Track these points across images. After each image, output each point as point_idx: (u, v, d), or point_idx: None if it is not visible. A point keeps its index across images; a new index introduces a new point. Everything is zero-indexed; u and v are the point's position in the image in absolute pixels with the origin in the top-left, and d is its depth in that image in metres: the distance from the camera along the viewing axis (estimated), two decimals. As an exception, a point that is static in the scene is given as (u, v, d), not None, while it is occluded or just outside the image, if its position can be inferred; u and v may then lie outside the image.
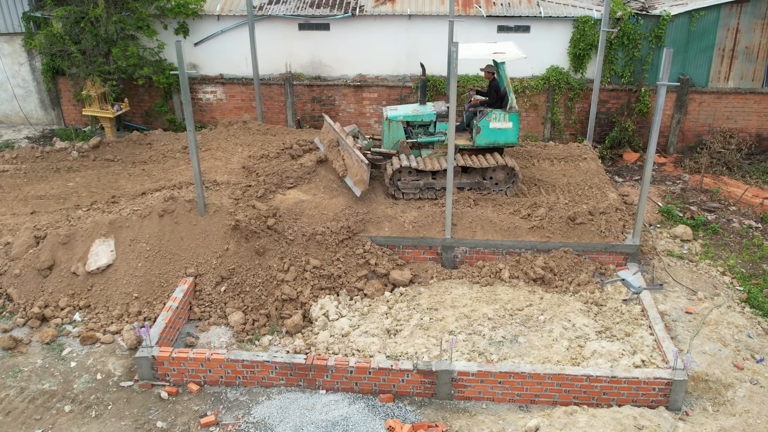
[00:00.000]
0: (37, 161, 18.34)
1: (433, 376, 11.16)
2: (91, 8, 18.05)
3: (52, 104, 21.10)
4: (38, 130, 21.11)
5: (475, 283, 13.81)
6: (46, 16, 19.49)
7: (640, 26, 18.81)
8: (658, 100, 12.57)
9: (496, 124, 14.97)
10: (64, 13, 18.26)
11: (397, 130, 15.50)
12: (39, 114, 21.38)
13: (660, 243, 15.46)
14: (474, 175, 15.34)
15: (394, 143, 15.64)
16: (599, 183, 16.09)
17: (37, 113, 21.37)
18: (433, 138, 15.54)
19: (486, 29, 19.27)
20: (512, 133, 15.08)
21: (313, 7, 19.55)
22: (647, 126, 19.48)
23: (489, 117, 14.91)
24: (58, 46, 18.86)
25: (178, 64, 13.13)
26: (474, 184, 15.35)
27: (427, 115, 15.52)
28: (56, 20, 18.60)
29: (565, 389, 11.10)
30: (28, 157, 18.51)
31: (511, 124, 14.96)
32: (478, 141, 15.17)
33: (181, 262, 13.62)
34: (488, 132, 15.03)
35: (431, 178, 15.27)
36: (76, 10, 18.29)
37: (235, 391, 11.55)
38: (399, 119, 15.47)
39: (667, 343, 11.76)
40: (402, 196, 15.30)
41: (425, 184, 15.30)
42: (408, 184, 15.28)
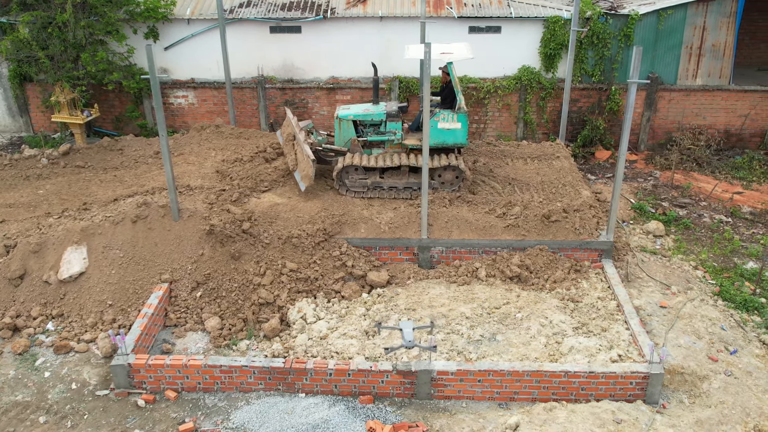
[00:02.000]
0: (6, 169, 18.00)
1: (412, 376, 11.15)
2: (59, 13, 17.79)
3: (20, 111, 20.75)
4: (6, 138, 20.76)
5: (452, 283, 13.85)
6: (12, 21, 19.17)
7: (610, 26, 19.04)
8: (629, 97, 12.71)
9: (444, 125, 15.02)
10: (31, 18, 17.98)
11: (347, 128, 15.56)
12: (6, 121, 21.02)
13: (633, 239, 15.64)
14: (421, 175, 15.29)
15: (346, 141, 15.68)
16: (572, 181, 16.24)
17: (4, 120, 21.00)
18: (384, 137, 15.55)
19: (457, 30, 19.36)
20: (461, 134, 15.12)
21: (285, 9, 19.48)
22: (618, 124, 19.72)
23: (437, 117, 14.96)
24: (25, 51, 18.57)
25: (149, 69, 12.98)
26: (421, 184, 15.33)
27: (377, 114, 15.52)
28: (22, 25, 18.28)
29: (543, 386, 11.17)
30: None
31: (459, 125, 14.99)
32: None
33: (155, 268, 13.46)
34: (437, 132, 15.06)
35: (379, 176, 15.28)
36: (43, 15, 18.02)
37: (213, 397, 11.44)
38: (349, 118, 15.53)
39: (643, 338, 11.90)
40: (346, 192, 15.32)
41: (373, 183, 15.31)
42: (356, 182, 15.31)
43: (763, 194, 17.77)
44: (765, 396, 11.18)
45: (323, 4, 19.60)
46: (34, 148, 19.37)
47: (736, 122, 19.97)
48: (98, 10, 18.28)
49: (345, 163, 15.11)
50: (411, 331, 11.00)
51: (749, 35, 22.79)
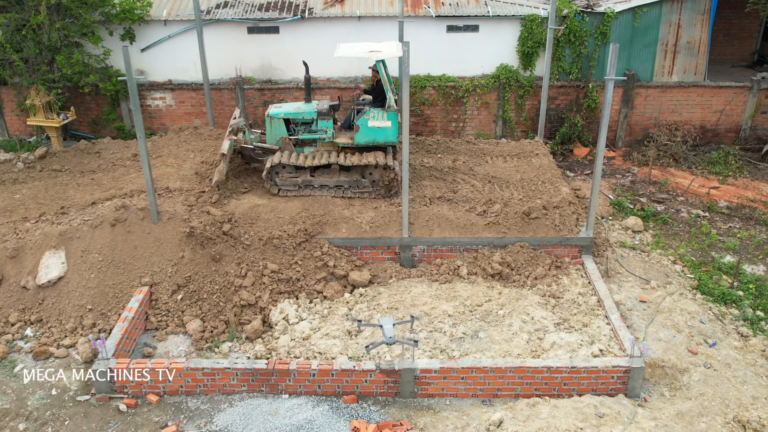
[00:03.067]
0: (-19, 174, 17.76)
1: (395, 375, 11.16)
2: (33, 15, 17.58)
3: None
4: (-20, 142, 20.48)
5: (434, 281, 13.88)
6: (-15, 24, 18.90)
7: (586, 23, 19.18)
8: (606, 94, 12.81)
9: (374, 123, 15.04)
10: (4, 20, 17.74)
11: (278, 126, 15.53)
12: (-19, 125, 20.74)
13: (612, 235, 15.78)
14: (353, 173, 15.33)
15: (277, 140, 15.66)
16: (552, 178, 16.34)
17: (-22, 125, 20.73)
18: (315, 135, 15.52)
19: (435, 29, 19.41)
20: (391, 132, 15.12)
21: (262, 10, 19.41)
22: (596, 121, 19.87)
23: (368, 116, 14.98)
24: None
25: (126, 71, 12.87)
26: (353, 182, 15.32)
27: (308, 112, 15.48)
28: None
29: (526, 382, 11.23)
30: (-30, 170, 17.92)
31: (389, 123, 14.98)
32: (357, 139, 15.20)
33: (135, 272, 13.35)
34: (367, 130, 15.08)
35: (310, 175, 15.27)
36: (17, 18, 17.79)
37: (196, 399, 11.37)
38: (280, 116, 15.51)
39: (623, 332, 12.00)
40: (278, 192, 15.31)
41: (304, 182, 15.29)
42: (286, 180, 15.29)
43: (738, 189, 18.01)
44: (743, 387, 11.34)
45: (301, 4, 19.55)
46: (9, 152, 19.13)
47: (712, 118, 20.21)
48: (73, 12, 18.09)
49: (274, 162, 15.06)
50: (391, 327, 10.99)
51: (723, 32, 23.09)
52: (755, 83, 19.72)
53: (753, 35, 23.38)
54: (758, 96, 19.81)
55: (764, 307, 13.55)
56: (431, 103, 19.96)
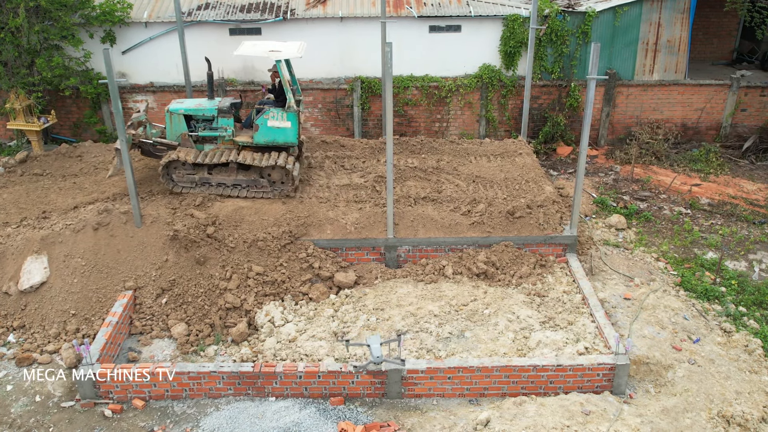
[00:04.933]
0: (-40, 179, 17.55)
1: (382, 375, 11.16)
2: (11, 18, 17.38)
3: (-26, 119, 20.25)
4: (-41, 147, 20.22)
5: (419, 281, 13.89)
6: (-37, 27, 18.68)
7: (567, 23, 19.28)
8: (588, 93, 12.89)
9: (274, 123, 15.00)
10: (-18, 23, 17.56)
11: (178, 122, 15.42)
12: (-41, 130, 20.48)
13: (596, 233, 15.88)
14: (251, 173, 15.26)
15: (177, 136, 15.59)
16: (535, 177, 16.41)
17: (-43, 129, 20.47)
18: (215, 133, 15.43)
19: (418, 30, 19.43)
20: (291, 133, 15.07)
21: (244, 11, 19.33)
22: (578, 120, 19.99)
23: (267, 115, 14.95)
24: (-24, 58, 18.11)
25: (107, 73, 12.78)
26: (251, 181, 15.26)
27: (208, 109, 15.40)
28: (-27, 31, 17.86)
29: (513, 380, 11.27)
30: (-50, 175, 17.70)
31: (289, 124, 14.96)
32: (257, 139, 15.17)
33: (119, 276, 13.25)
34: (266, 130, 15.05)
35: (207, 172, 15.22)
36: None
37: (182, 404, 11.30)
38: (180, 112, 15.41)
39: (608, 330, 12.08)
40: (173, 187, 15.21)
41: (201, 179, 15.23)
42: (183, 177, 15.23)
43: (720, 186, 18.18)
44: (727, 382, 11.44)
45: (283, 5, 19.49)
46: (-10, 156, 18.91)
47: (693, 116, 20.39)
48: (53, 15, 17.90)
49: (170, 158, 14.95)
50: (378, 347, 10.97)
51: (702, 31, 23.29)
52: (735, 81, 19.92)
53: (732, 33, 23.60)
54: (738, 94, 20.02)
55: (746, 302, 13.70)
56: (414, 104, 19.98)
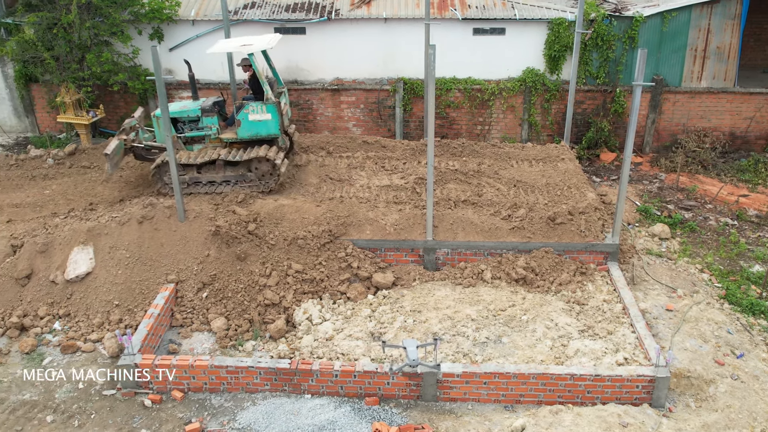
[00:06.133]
0: (12, 169, 18.05)
1: (418, 378, 11.17)
2: (64, 14, 17.84)
3: (26, 111, 20.79)
4: (12, 138, 20.78)
5: (457, 285, 13.86)
6: (18, 22, 19.21)
7: (614, 27, 19.04)
8: (634, 100, 12.72)
9: (255, 116, 15.14)
10: (36, 19, 18.03)
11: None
12: (12, 122, 21.05)
13: (639, 242, 15.65)
14: (239, 168, 15.33)
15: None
16: (578, 183, 16.24)
17: (10, 121, 21.03)
18: (201, 132, 15.58)
19: (461, 32, 19.38)
20: (272, 125, 15.21)
21: (289, 11, 19.51)
22: (623, 126, 19.72)
23: (247, 110, 15.07)
24: (30, 52, 18.61)
25: (155, 70, 13.02)
26: (239, 177, 15.33)
27: (192, 110, 15.53)
28: (28, 26, 18.36)
29: (549, 388, 11.18)
30: (2, 165, 18.21)
31: (269, 116, 15.10)
32: (241, 134, 15.33)
33: (161, 269, 13.49)
34: (249, 124, 15.18)
35: (196, 172, 15.30)
36: (49, 16, 18.06)
37: (219, 397, 11.46)
38: None
39: (649, 341, 11.90)
40: (168, 190, 15.30)
41: (191, 179, 15.33)
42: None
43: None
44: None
45: (327, 5, 19.62)
46: (39, 148, 19.41)
47: (742, 124, 19.96)
48: (103, 11, 18.32)
49: (162, 160, 15.11)
50: (415, 350, 10.98)
51: (754, 37, 22.80)
52: (786, 90, 19.46)
53: (785, 41, 23.09)
54: (789, 103, 19.55)
55: (793, 318, 13.38)
56: (457, 106, 19.94)
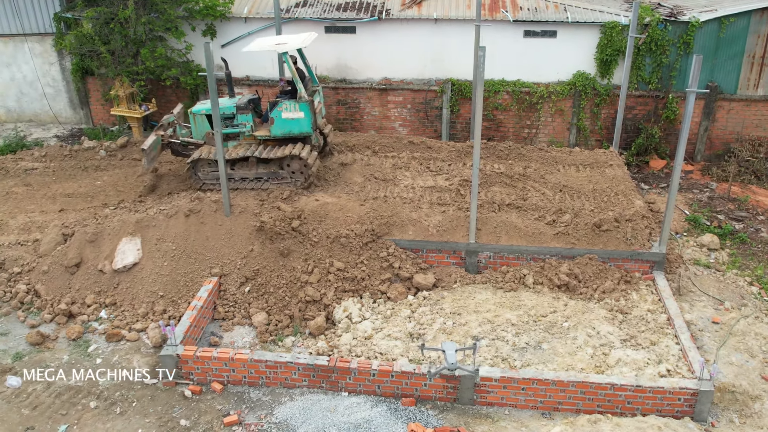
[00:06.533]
0: (66, 160, 18.59)
1: (456, 381, 11.13)
2: (121, 9, 18.28)
3: (81, 104, 21.36)
4: (67, 129, 21.38)
5: (498, 289, 13.76)
6: (77, 16, 19.75)
7: (669, 32, 18.65)
8: (687, 107, 12.45)
9: (287, 114, 15.20)
10: (95, 14, 18.51)
11: (202, 123, 15.84)
12: (68, 113, 21.65)
13: (686, 252, 15.31)
14: (272, 165, 15.40)
15: (202, 135, 15.95)
16: (625, 190, 15.96)
17: (66, 112, 21.64)
18: (236, 129, 15.70)
19: (512, 34, 19.22)
20: (305, 123, 15.27)
21: (340, 10, 19.62)
22: (674, 133, 19.30)
23: (280, 108, 15.11)
24: (87, 46, 19.12)
25: (207, 66, 13.25)
26: (271, 174, 15.40)
27: (227, 107, 15.65)
28: (86, 21, 18.86)
29: (588, 397, 11.02)
30: (56, 156, 18.78)
31: (302, 114, 15.14)
32: (273, 131, 15.42)
33: (206, 262, 13.71)
34: (282, 122, 15.25)
35: (230, 168, 15.39)
36: (106, 11, 18.53)
37: (258, 391, 11.60)
38: (202, 112, 15.79)
39: (693, 353, 11.64)
40: (201, 186, 15.56)
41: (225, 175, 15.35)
42: (208, 174, 15.54)
43: (824, 210, 17.20)
44: (820, 419, 10.83)
45: (378, 5, 19.67)
46: (93, 140, 19.93)
47: (799, 135, 19.36)
48: (159, 7, 18.72)
49: (194, 158, 15.34)
50: (454, 353, 10.94)
51: (815, 45, 22.08)
52: None
53: None
54: None
55: None
56: (504, 109, 19.79)
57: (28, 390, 11.53)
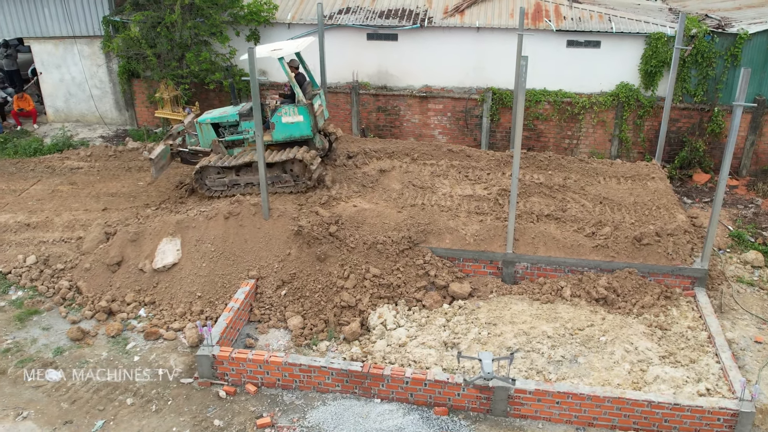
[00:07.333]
0: (110, 160, 18.97)
1: (489, 391, 11.04)
2: (168, 14, 18.61)
3: (126, 105, 21.79)
4: (112, 130, 21.82)
5: (535, 300, 13.63)
6: (125, 20, 20.17)
7: (716, 44, 18.31)
8: (733, 120, 12.21)
9: (287, 119, 15.27)
10: (142, 17, 18.88)
11: (208, 131, 16.01)
12: (113, 114, 22.11)
13: (729, 268, 14.98)
14: (275, 169, 15.42)
15: (209, 144, 16.07)
16: (667, 204, 15.70)
17: (111, 113, 22.10)
18: (240, 136, 15.86)
19: (555, 44, 19.08)
20: (305, 126, 15.33)
21: (382, 17, 19.69)
22: (719, 147, 18.93)
23: (280, 113, 15.18)
24: (134, 49, 19.51)
25: (250, 71, 13.43)
26: (275, 177, 15.43)
27: (231, 115, 15.88)
28: (134, 24, 19.25)
29: (624, 414, 10.84)
30: (101, 156, 19.18)
31: (301, 117, 15.20)
32: (275, 136, 15.49)
33: (243, 264, 13.85)
34: (282, 127, 15.31)
35: (235, 174, 15.53)
36: (153, 15, 18.88)
37: (291, 394, 11.66)
38: (207, 121, 15.95)
39: (734, 373, 11.37)
40: (207, 192, 15.70)
41: (231, 181, 15.59)
42: (215, 181, 15.66)
43: None
44: None
45: (421, 12, 19.70)
46: (137, 141, 20.31)
47: None
48: (204, 12, 19.00)
49: (201, 165, 15.54)
50: (490, 363, 10.86)
51: None
52: None
53: None
54: None
55: None
56: (545, 119, 19.63)
57: (68, 384, 11.77)
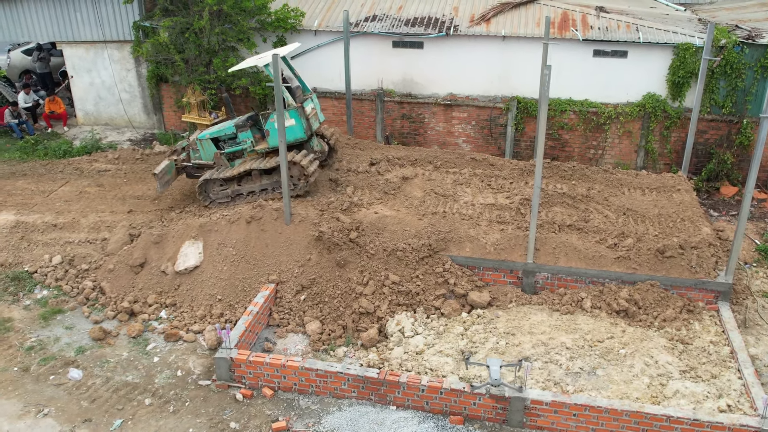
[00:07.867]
0: (137, 163, 19.25)
1: (505, 402, 10.98)
2: (196, 20, 18.85)
3: (155, 109, 22.10)
4: (140, 133, 22.14)
5: (555, 311, 13.53)
6: (155, 25, 20.48)
7: (745, 55, 18.06)
8: (761, 133, 12.04)
9: None
10: (171, 23, 19.15)
11: (208, 147, 16.23)
12: (141, 118, 22.44)
13: (755, 283, 14.73)
14: (273, 175, 15.54)
15: (212, 157, 16.29)
16: (692, 216, 15.48)
17: (139, 117, 22.43)
18: (238, 147, 16.00)
19: (581, 53, 18.97)
20: (297, 129, 15.41)
21: (408, 25, 19.75)
22: (747, 159, 18.63)
23: (272, 118, 15.16)
24: (163, 54, 19.80)
25: (274, 77, 13.54)
26: (274, 183, 15.54)
27: (227, 128, 16.07)
28: (163, 30, 19.55)
29: (643, 428, 10.70)
30: (129, 159, 19.47)
31: (293, 121, 15.23)
32: (270, 142, 15.56)
33: (264, 269, 13.94)
34: (276, 132, 15.14)
35: (237, 184, 15.71)
36: (182, 21, 19.15)
37: (307, 399, 11.70)
38: (206, 137, 16.21)
39: (756, 389, 11.17)
40: (210, 204, 15.89)
41: (233, 191, 15.75)
42: (218, 193, 15.85)
43: None
44: None
45: (447, 21, 19.72)
46: (164, 144, 20.57)
47: None
48: (232, 19, 19.23)
49: (204, 178, 15.78)
50: (498, 369, 10.80)
51: None
52: None
53: None
54: None
55: None
56: (570, 128, 19.51)
57: (88, 383, 11.94)
